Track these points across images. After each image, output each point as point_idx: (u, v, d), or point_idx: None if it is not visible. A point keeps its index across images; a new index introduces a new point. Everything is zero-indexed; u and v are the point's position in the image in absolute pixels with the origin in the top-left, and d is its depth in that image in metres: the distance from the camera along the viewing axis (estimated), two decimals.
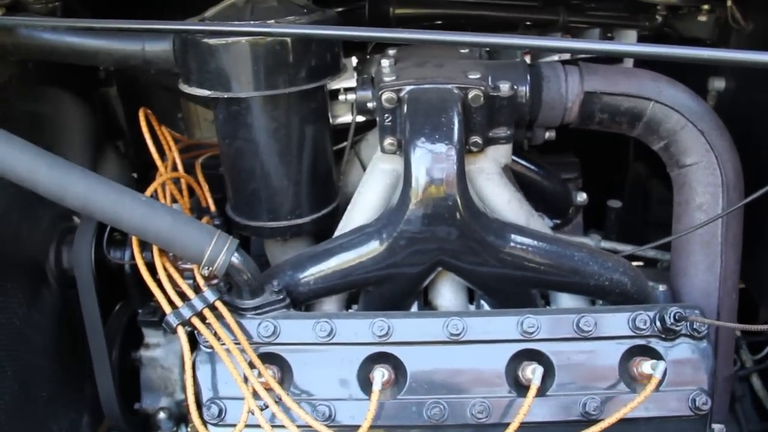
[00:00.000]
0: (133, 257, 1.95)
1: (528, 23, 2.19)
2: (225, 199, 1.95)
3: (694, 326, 1.59)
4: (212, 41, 1.64)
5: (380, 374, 1.52)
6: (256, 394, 1.54)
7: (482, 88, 1.63)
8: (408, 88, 1.63)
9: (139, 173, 2.37)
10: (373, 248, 1.64)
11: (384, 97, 1.63)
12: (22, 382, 1.86)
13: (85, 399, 2.09)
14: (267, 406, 1.53)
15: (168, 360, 2.02)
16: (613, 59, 2.04)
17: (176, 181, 1.92)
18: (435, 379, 1.59)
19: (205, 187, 1.94)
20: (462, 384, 1.59)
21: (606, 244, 2.05)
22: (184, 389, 2.02)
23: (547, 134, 1.86)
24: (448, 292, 1.78)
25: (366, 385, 1.60)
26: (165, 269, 1.67)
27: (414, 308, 1.76)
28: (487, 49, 1.88)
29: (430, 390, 1.59)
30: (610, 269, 1.69)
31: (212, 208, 1.92)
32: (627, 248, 1.98)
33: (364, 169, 2.02)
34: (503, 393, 1.58)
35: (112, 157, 2.29)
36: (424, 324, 1.61)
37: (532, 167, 2.09)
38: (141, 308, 2.03)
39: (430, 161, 1.57)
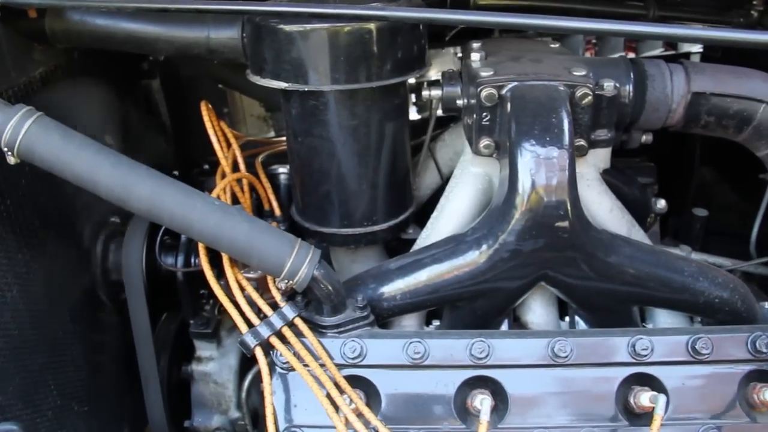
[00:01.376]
0: (186, 264, 1.81)
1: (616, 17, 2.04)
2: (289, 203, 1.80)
3: None
4: (291, 28, 1.47)
5: (486, 401, 1.38)
6: (347, 424, 1.38)
7: (590, 85, 1.49)
8: (511, 84, 1.48)
9: (180, 170, 2.21)
10: (470, 260, 1.49)
11: (483, 94, 1.48)
12: (65, 397, 1.70)
13: (125, 412, 1.94)
14: None
15: (222, 375, 1.88)
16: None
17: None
18: (539, 406, 1.45)
19: (269, 188, 1.77)
20: (568, 411, 1.45)
21: (696, 257, 1.92)
22: (239, 407, 1.88)
23: (644, 137, 1.72)
24: (539, 307, 1.64)
25: (463, 412, 1.46)
26: (238, 282, 1.51)
27: (504, 326, 1.62)
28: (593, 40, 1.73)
29: (534, 418, 1.45)
30: (720, 286, 1.56)
31: (277, 211, 1.76)
32: (725, 262, 1.84)
33: (440, 171, 1.87)
34: (614, 422, 1.45)
35: (153, 154, 2.12)
36: (526, 345, 1.47)
37: (612, 172, 1.95)
38: (192, 319, 1.88)
39: (540, 166, 1.42)
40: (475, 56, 1.61)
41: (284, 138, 2.17)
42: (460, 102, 1.61)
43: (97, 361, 1.83)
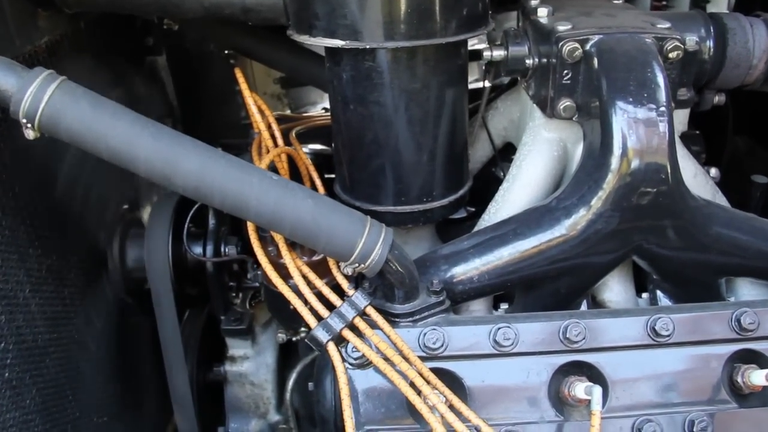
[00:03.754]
0: (216, 253, 1.62)
1: None
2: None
3: None
4: None
5: (596, 389, 1.23)
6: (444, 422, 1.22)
7: (678, 38, 1.36)
8: (596, 38, 1.34)
9: None
10: (560, 233, 1.34)
11: (566, 49, 1.34)
12: (84, 408, 1.50)
13: (144, 418, 1.74)
14: None
15: (259, 375, 1.70)
16: None
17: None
18: (640, 391, 1.32)
19: (310, 165, 1.59)
20: (672, 395, 1.32)
21: None
22: (279, 409, 1.70)
23: (716, 98, 1.61)
24: (616, 284, 1.51)
25: (558, 402, 1.31)
26: (299, 269, 1.33)
27: (583, 307, 1.48)
28: None
29: (637, 404, 1.31)
30: None
31: (321, 189, 1.57)
32: None
33: (492, 142, 1.72)
34: (723, 403, 1.32)
35: None
36: (624, 324, 1.33)
37: None
38: (223, 314, 1.69)
39: (638, 125, 1.28)
40: (542, 11, 1.46)
41: (309, 114, 2.01)
42: (529, 62, 1.46)
43: (119, 367, 1.63)
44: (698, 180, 1.50)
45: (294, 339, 1.67)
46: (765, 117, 2.25)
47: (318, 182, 1.57)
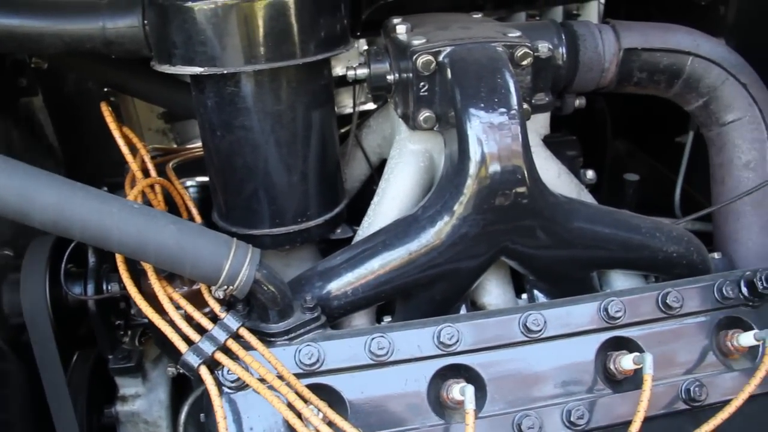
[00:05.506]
0: (98, 291, 1.59)
1: None
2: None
3: None
4: (203, 5, 1.31)
5: (469, 388, 1.25)
6: None
7: (528, 45, 1.42)
8: (448, 49, 1.39)
9: None
10: (426, 241, 1.37)
11: (420, 62, 1.38)
12: None
13: None
14: None
15: (152, 412, 1.67)
16: None
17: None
18: (518, 388, 1.35)
19: (185, 195, 1.58)
20: (549, 388, 1.35)
21: None
22: None
23: (577, 101, 1.68)
24: (495, 287, 1.55)
25: (439, 406, 1.33)
26: (169, 296, 1.32)
27: (462, 311, 1.51)
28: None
29: (515, 401, 1.34)
30: (676, 240, 1.53)
31: (197, 218, 1.57)
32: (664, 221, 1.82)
33: (368, 160, 1.75)
34: (598, 391, 1.36)
35: None
36: (496, 324, 1.36)
37: None
38: (110, 353, 1.65)
39: (492, 130, 1.32)
40: (401, 28, 1.51)
41: (190, 146, 2.00)
42: (390, 78, 1.50)
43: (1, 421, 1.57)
44: (562, 179, 1.56)
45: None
46: (640, 121, 2.36)
47: (194, 211, 1.57)
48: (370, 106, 2.09)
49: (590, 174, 1.93)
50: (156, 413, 1.66)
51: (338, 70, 1.85)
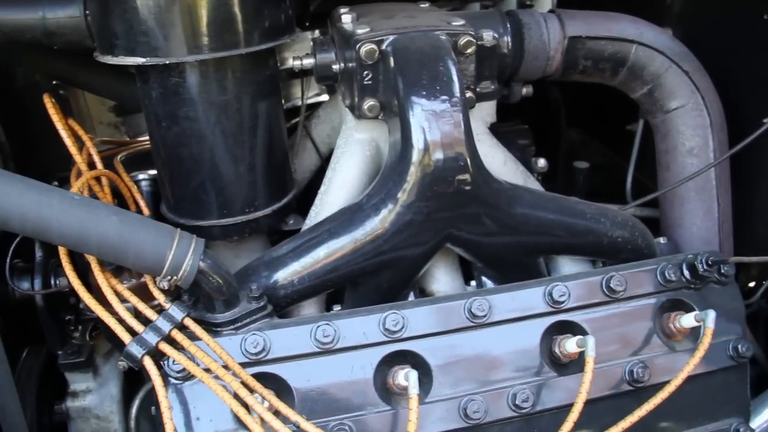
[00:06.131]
0: (45, 286, 1.58)
1: None
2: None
3: (722, 271, 1.47)
4: None
5: (412, 373, 1.26)
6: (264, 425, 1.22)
7: (471, 33, 1.43)
8: (391, 37, 1.40)
9: None
10: (371, 228, 1.38)
11: (363, 50, 1.39)
12: None
13: None
14: None
15: (104, 407, 1.65)
16: None
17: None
18: (463, 372, 1.36)
19: (133, 187, 1.57)
20: (495, 372, 1.37)
21: None
22: None
23: (524, 90, 1.70)
24: (443, 275, 1.56)
25: (386, 393, 1.34)
26: (113, 288, 1.32)
27: (411, 299, 1.52)
28: None
29: (461, 385, 1.35)
30: (620, 225, 1.55)
31: (145, 210, 1.56)
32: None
33: (318, 150, 1.75)
34: (543, 374, 1.38)
35: None
36: (442, 310, 1.38)
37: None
38: (60, 349, 1.64)
39: (434, 117, 1.33)
40: (346, 18, 1.51)
41: (140, 139, 1.99)
42: (336, 67, 1.51)
43: None
44: (508, 167, 1.58)
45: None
46: (593, 110, 2.39)
47: (142, 203, 1.56)
48: (326, 97, 2.10)
49: (542, 162, 1.95)
50: (108, 408, 1.65)
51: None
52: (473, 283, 1.58)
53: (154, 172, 1.79)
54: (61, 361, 1.62)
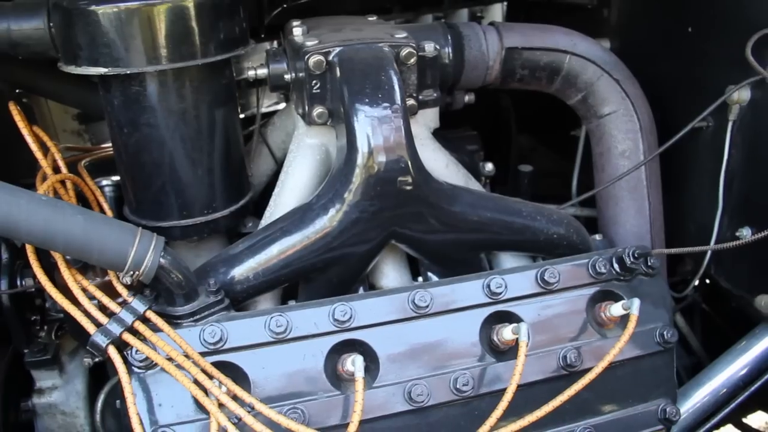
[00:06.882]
0: (11, 285, 1.65)
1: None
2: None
3: (649, 263, 1.59)
4: (106, 8, 1.40)
5: (358, 359, 1.36)
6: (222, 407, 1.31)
7: (413, 45, 1.54)
8: (337, 49, 1.50)
9: None
10: (319, 227, 1.48)
11: (311, 61, 1.49)
12: None
13: None
14: (240, 419, 1.31)
15: (70, 403, 1.72)
16: None
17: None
18: (408, 360, 1.46)
19: (97, 191, 1.66)
20: (437, 360, 1.47)
21: None
22: None
23: (466, 98, 1.81)
24: (391, 271, 1.66)
25: (336, 380, 1.43)
26: (78, 284, 1.40)
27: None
28: None
29: (406, 371, 1.45)
30: (556, 222, 1.66)
31: (109, 213, 1.64)
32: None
33: (273, 156, 1.85)
34: (483, 361, 1.48)
35: None
36: (387, 302, 1.47)
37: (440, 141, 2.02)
38: (26, 347, 1.71)
39: (376, 122, 1.44)
40: (297, 31, 1.62)
41: (103, 146, 2.06)
42: (287, 77, 1.61)
43: None
44: (450, 169, 1.68)
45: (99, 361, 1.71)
46: (542, 117, 2.51)
47: (105, 206, 1.64)
48: (283, 105, 2.20)
49: (489, 166, 2.07)
50: (73, 404, 1.72)
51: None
52: (420, 278, 1.68)
53: (117, 178, 1.87)
54: (27, 359, 1.69)
